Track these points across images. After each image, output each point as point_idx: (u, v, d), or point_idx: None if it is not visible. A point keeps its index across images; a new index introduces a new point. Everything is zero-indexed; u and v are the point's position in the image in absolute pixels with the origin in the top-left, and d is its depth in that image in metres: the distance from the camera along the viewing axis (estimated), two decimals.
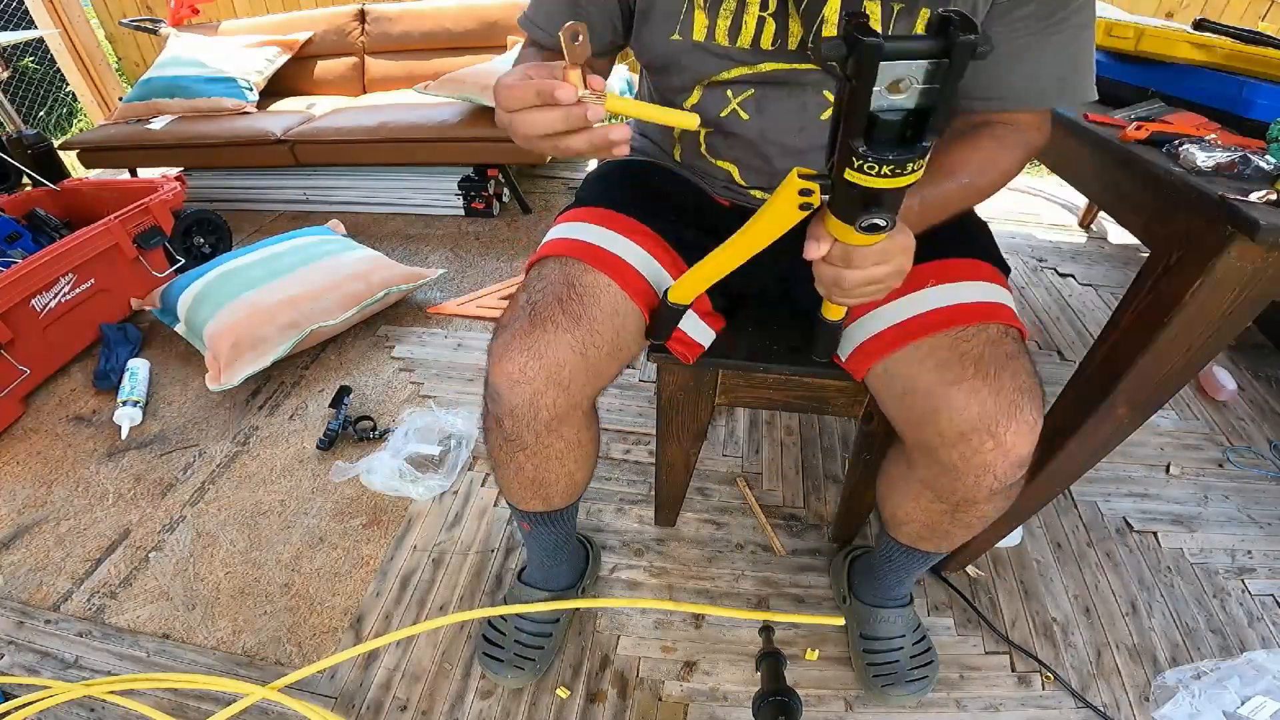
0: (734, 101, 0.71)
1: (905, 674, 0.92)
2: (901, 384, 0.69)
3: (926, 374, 0.65)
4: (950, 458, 0.64)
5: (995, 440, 0.61)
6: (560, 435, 0.73)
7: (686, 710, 0.94)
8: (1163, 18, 2.14)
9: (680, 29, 0.67)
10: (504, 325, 0.69)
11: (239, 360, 1.43)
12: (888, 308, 0.71)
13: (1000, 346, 0.64)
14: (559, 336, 0.66)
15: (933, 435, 0.64)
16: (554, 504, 0.83)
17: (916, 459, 0.70)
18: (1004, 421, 0.60)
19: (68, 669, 1.00)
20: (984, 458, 0.62)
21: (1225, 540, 1.18)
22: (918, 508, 0.74)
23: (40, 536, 1.20)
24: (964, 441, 0.62)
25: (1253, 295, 0.62)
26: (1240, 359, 1.61)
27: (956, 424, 0.62)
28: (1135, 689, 0.96)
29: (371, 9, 2.63)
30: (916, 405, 0.66)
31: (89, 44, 3.07)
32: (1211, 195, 0.59)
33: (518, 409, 0.68)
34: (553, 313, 0.67)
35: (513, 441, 0.72)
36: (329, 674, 0.98)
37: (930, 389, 0.64)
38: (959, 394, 0.62)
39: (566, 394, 0.68)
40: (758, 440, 1.38)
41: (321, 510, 1.24)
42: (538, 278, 0.72)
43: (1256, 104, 0.73)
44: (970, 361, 0.63)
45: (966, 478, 0.64)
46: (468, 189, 2.29)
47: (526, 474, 0.77)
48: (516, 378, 0.66)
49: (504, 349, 0.66)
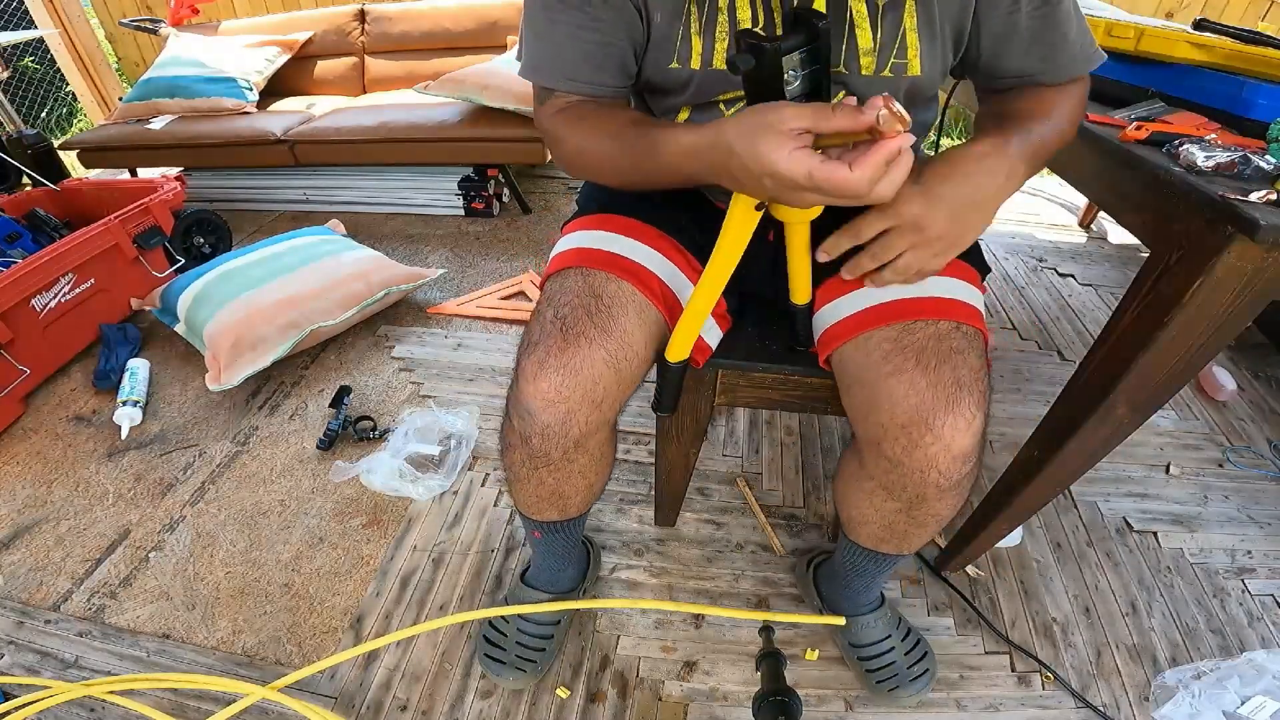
0: (728, 115, 0.70)
1: (905, 673, 0.93)
2: (851, 373, 0.69)
3: (872, 365, 0.65)
4: (894, 451, 0.63)
5: (934, 434, 0.60)
6: (586, 450, 0.72)
7: (686, 710, 0.94)
8: (1163, 18, 2.14)
9: (679, 57, 0.65)
10: (534, 342, 0.67)
11: (239, 360, 1.43)
12: (850, 296, 0.71)
13: (946, 341, 0.64)
14: (593, 352, 0.65)
15: (875, 427, 0.64)
16: (570, 514, 0.83)
17: (866, 455, 0.70)
18: (940, 414, 0.60)
19: (68, 669, 1.00)
20: (924, 451, 0.61)
21: (1225, 540, 1.18)
22: (872, 507, 0.74)
23: (40, 536, 1.20)
24: (904, 434, 0.62)
25: (1253, 295, 0.62)
26: (1240, 359, 1.61)
27: (896, 416, 0.62)
28: (1135, 689, 0.96)
29: (371, 9, 2.63)
30: (863, 397, 0.66)
31: (89, 44, 3.07)
32: (1211, 195, 0.58)
33: (550, 428, 0.66)
34: (584, 327, 0.65)
35: (538, 458, 0.71)
36: (329, 674, 0.98)
37: (873, 380, 0.64)
38: (899, 385, 0.62)
39: (599, 410, 0.67)
40: (758, 440, 1.38)
41: (321, 510, 1.24)
42: (560, 290, 0.71)
43: (1256, 104, 0.73)
44: (912, 353, 0.63)
45: (912, 473, 0.64)
46: (468, 189, 2.29)
47: (547, 488, 0.76)
48: (552, 398, 0.64)
49: (538, 367, 0.65)
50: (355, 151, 2.21)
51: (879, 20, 0.61)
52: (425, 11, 2.57)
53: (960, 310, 0.67)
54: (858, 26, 0.61)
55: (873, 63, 0.63)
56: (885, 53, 0.62)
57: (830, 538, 1.17)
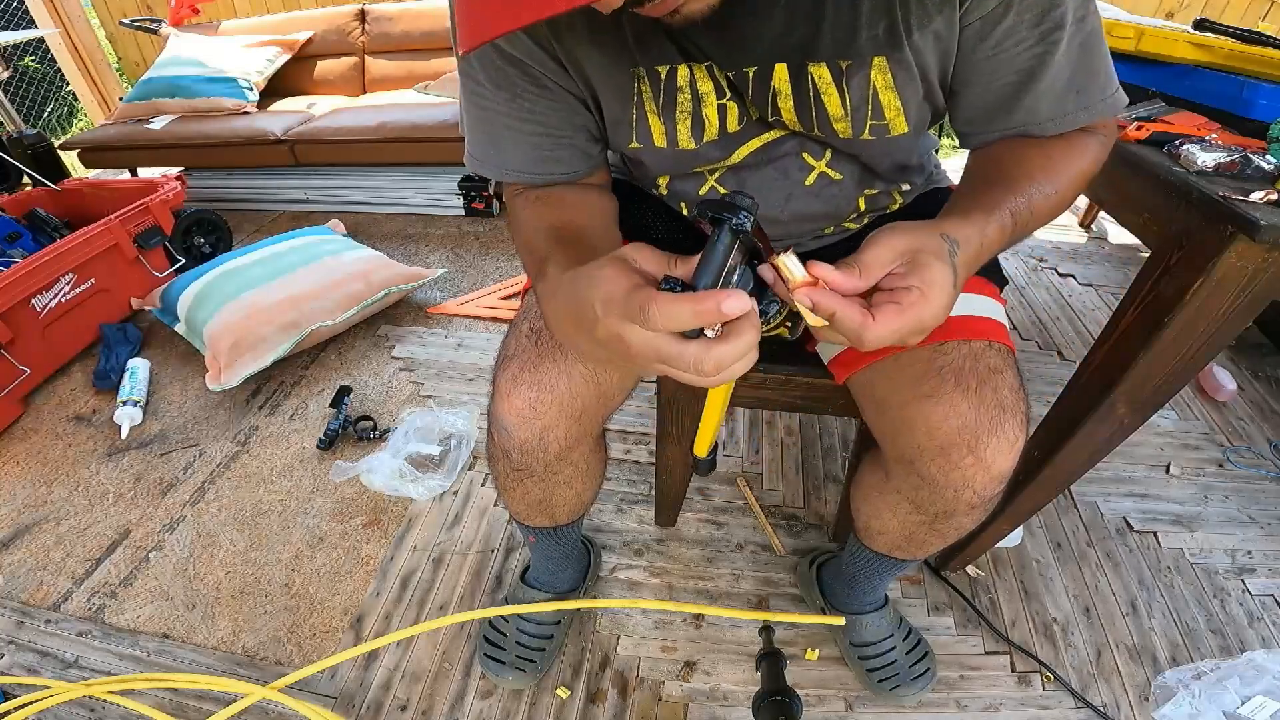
0: (711, 180, 0.68)
1: (907, 672, 0.93)
2: (880, 396, 0.67)
3: (904, 388, 0.63)
4: (930, 471, 0.62)
5: (975, 456, 0.59)
6: (570, 462, 0.71)
7: (686, 710, 0.94)
8: (1163, 18, 2.14)
9: (638, 136, 0.61)
10: (509, 356, 0.65)
11: (239, 360, 1.43)
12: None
13: (982, 360, 0.62)
14: (569, 367, 0.62)
15: (910, 448, 0.63)
16: (560, 521, 0.83)
17: (895, 470, 0.68)
18: (984, 437, 0.58)
19: (68, 669, 1.00)
20: (963, 473, 0.60)
21: (1225, 540, 1.18)
22: (895, 518, 0.73)
23: (40, 536, 1.20)
24: (943, 456, 0.60)
25: (1253, 295, 0.62)
26: (1240, 359, 1.61)
27: (934, 438, 0.60)
28: (1135, 689, 0.96)
29: (371, 9, 2.63)
30: (893, 417, 0.65)
31: (89, 44, 3.07)
32: (1212, 195, 0.59)
33: (528, 443, 0.65)
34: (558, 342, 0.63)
35: (521, 471, 0.70)
36: (329, 674, 0.98)
37: (906, 403, 0.62)
38: (936, 409, 0.60)
39: (579, 424, 0.66)
40: (758, 440, 1.38)
41: (322, 510, 1.24)
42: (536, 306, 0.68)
43: (1257, 104, 0.73)
44: (950, 375, 0.61)
45: (946, 491, 0.62)
46: (468, 189, 2.29)
47: (534, 497, 0.76)
48: (527, 414, 0.63)
49: (512, 384, 0.63)
50: (355, 151, 2.21)
51: (844, 84, 0.55)
52: (425, 11, 2.57)
53: (989, 328, 0.65)
54: (823, 93, 0.56)
55: (848, 127, 0.58)
56: (859, 115, 0.57)
57: (831, 537, 1.17)
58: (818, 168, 0.65)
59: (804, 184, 0.66)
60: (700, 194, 0.69)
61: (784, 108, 0.57)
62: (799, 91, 0.56)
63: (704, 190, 0.69)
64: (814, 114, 0.57)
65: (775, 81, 0.56)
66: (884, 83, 0.55)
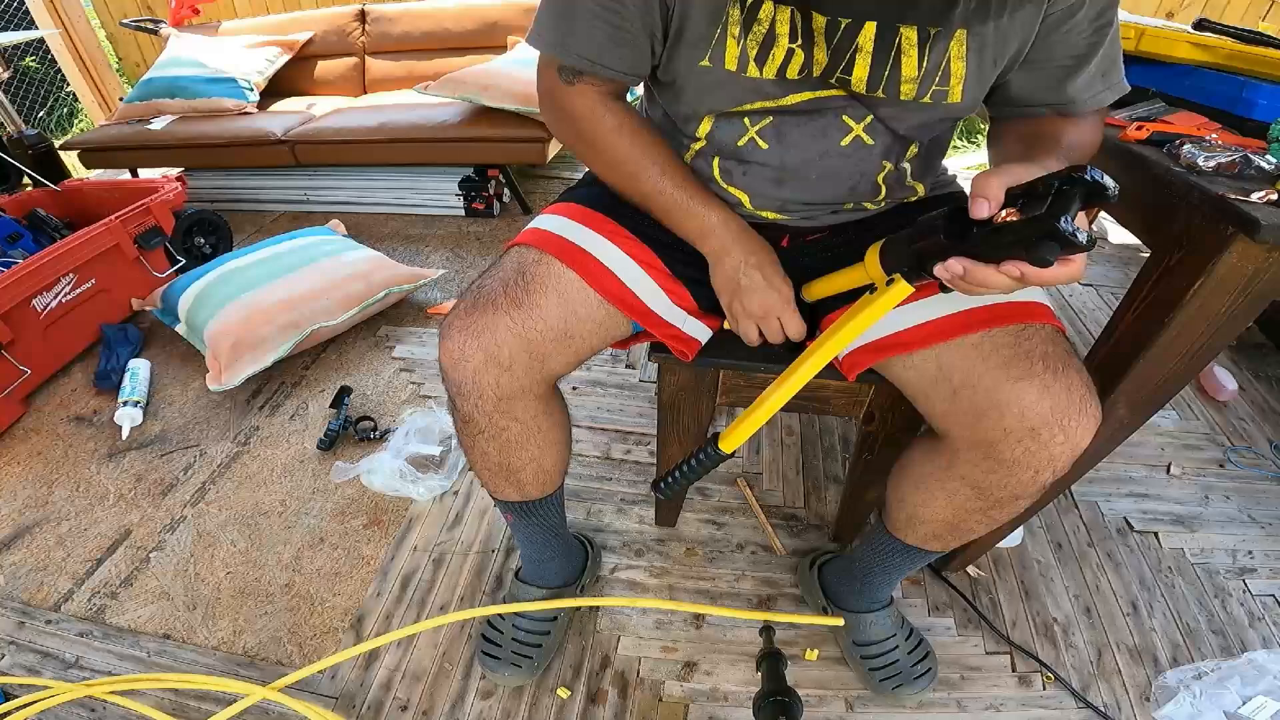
0: (752, 130, 0.70)
1: (909, 671, 0.93)
2: (956, 379, 0.67)
3: (991, 370, 0.64)
4: (1013, 453, 0.63)
5: (1065, 434, 0.61)
6: (513, 417, 0.74)
7: (687, 710, 0.94)
8: (1163, 18, 2.14)
9: (711, 55, 0.64)
10: (453, 309, 0.71)
11: (239, 360, 1.43)
12: (922, 303, 0.69)
13: (1059, 344, 0.65)
14: (496, 318, 0.68)
15: (995, 430, 0.63)
16: (528, 493, 0.83)
17: (965, 456, 0.68)
18: (1075, 416, 0.61)
19: (68, 669, 1.00)
20: (1050, 451, 0.62)
21: (1226, 540, 1.18)
22: (950, 506, 0.73)
23: (41, 536, 1.20)
24: (1032, 437, 0.62)
25: (1253, 295, 0.62)
26: (1240, 359, 1.61)
27: (1028, 419, 0.61)
28: (1136, 689, 0.96)
29: (372, 9, 2.63)
30: (975, 400, 0.65)
31: (89, 44, 3.07)
32: (1212, 195, 0.58)
33: (463, 386, 0.70)
34: (494, 296, 0.69)
35: (469, 424, 0.74)
36: (329, 674, 0.98)
37: (995, 385, 0.63)
38: (1030, 390, 0.61)
39: (510, 374, 0.70)
40: (758, 440, 1.38)
41: (322, 510, 1.24)
42: (497, 265, 0.75)
43: (1257, 104, 0.73)
44: (1038, 358, 0.63)
45: (1024, 474, 0.64)
46: (468, 189, 2.29)
47: (491, 459, 0.78)
48: (456, 357, 0.69)
49: (447, 329, 0.70)
50: (356, 152, 2.21)
51: (927, 47, 0.60)
52: (426, 12, 2.58)
53: (1051, 315, 0.69)
54: (904, 53, 0.60)
55: (914, 89, 0.62)
56: (928, 80, 0.62)
57: (832, 538, 1.17)
58: (855, 130, 0.69)
59: (839, 144, 0.69)
60: (738, 145, 0.71)
61: (859, 64, 0.62)
62: (881, 49, 0.61)
63: (742, 142, 0.71)
64: (886, 73, 0.62)
65: (860, 39, 0.60)
66: (958, 52, 0.60)
